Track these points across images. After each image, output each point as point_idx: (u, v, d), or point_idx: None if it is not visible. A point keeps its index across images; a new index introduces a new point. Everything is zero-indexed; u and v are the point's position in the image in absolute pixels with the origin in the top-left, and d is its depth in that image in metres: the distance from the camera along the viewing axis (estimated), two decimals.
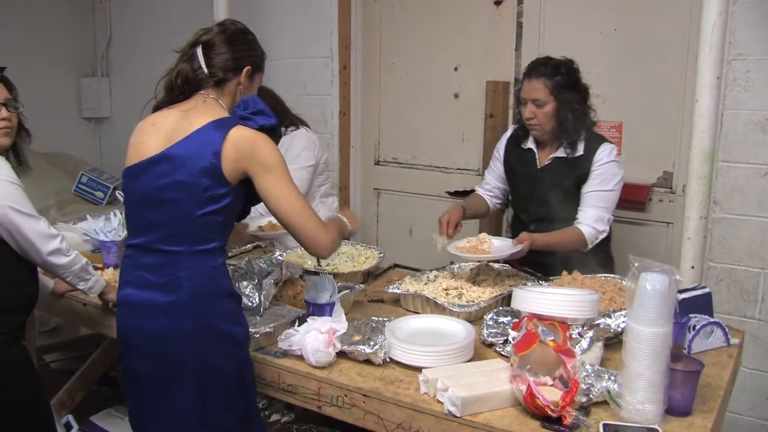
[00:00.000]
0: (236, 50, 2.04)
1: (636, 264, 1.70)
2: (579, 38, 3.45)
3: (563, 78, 2.63)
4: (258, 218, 2.92)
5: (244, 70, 2.05)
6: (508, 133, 2.93)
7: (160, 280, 1.93)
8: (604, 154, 2.66)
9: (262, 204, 2.01)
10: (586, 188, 2.67)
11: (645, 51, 3.29)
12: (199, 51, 2.01)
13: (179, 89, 2.01)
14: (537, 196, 2.79)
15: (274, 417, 2.99)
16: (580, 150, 2.68)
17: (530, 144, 2.80)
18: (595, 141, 2.70)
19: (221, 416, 1.97)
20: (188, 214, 1.90)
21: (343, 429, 2.28)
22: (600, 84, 3.38)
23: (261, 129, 1.95)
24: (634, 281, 1.68)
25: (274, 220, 2.97)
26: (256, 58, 2.10)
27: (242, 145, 1.90)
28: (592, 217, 2.63)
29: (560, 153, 2.71)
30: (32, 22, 4.99)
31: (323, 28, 4.14)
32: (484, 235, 2.65)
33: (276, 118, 2.01)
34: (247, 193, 2.00)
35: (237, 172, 1.91)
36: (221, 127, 1.91)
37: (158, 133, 1.96)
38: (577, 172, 2.68)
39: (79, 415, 3.22)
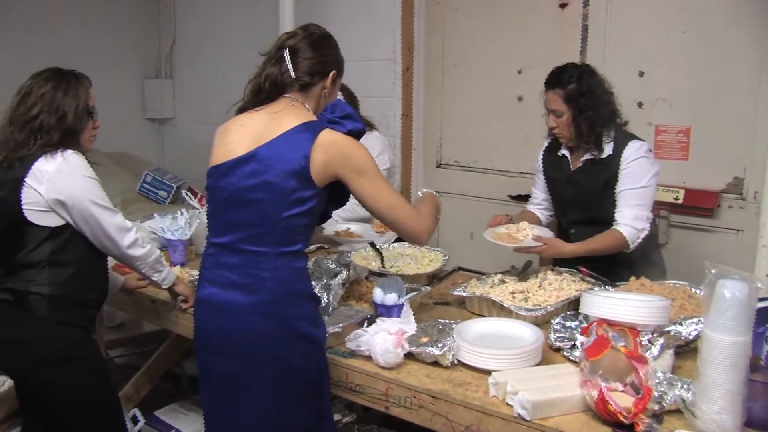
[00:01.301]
0: (322, 55, 2.05)
1: (713, 271, 1.66)
2: (646, 41, 3.40)
3: (575, 86, 2.63)
4: (334, 224, 2.95)
5: (331, 75, 2.06)
6: (545, 144, 2.96)
7: (243, 279, 1.94)
8: (631, 151, 2.64)
9: (339, 210, 2.02)
10: (619, 188, 2.65)
11: (716, 53, 3.21)
12: (287, 54, 2.02)
13: (266, 92, 2.03)
14: (571, 198, 2.82)
15: (336, 417, 2.99)
16: (609, 150, 2.68)
17: (563, 150, 2.82)
18: (623, 140, 2.68)
19: (296, 415, 1.99)
20: (274, 216, 1.91)
21: (404, 431, 2.28)
22: (667, 87, 3.34)
23: (349, 133, 1.98)
24: (711, 288, 1.64)
25: (352, 228, 3.01)
26: (339, 63, 2.12)
27: (332, 149, 1.91)
28: (630, 216, 2.60)
29: (589, 156, 2.72)
30: (98, 25, 5.12)
31: (386, 30, 4.15)
32: (524, 224, 2.71)
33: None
34: (329, 197, 2.02)
35: (326, 176, 1.93)
36: (311, 129, 1.92)
37: (246, 133, 1.98)
38: (607, 172, 2.68)
39: (143, 410, 3.26)
